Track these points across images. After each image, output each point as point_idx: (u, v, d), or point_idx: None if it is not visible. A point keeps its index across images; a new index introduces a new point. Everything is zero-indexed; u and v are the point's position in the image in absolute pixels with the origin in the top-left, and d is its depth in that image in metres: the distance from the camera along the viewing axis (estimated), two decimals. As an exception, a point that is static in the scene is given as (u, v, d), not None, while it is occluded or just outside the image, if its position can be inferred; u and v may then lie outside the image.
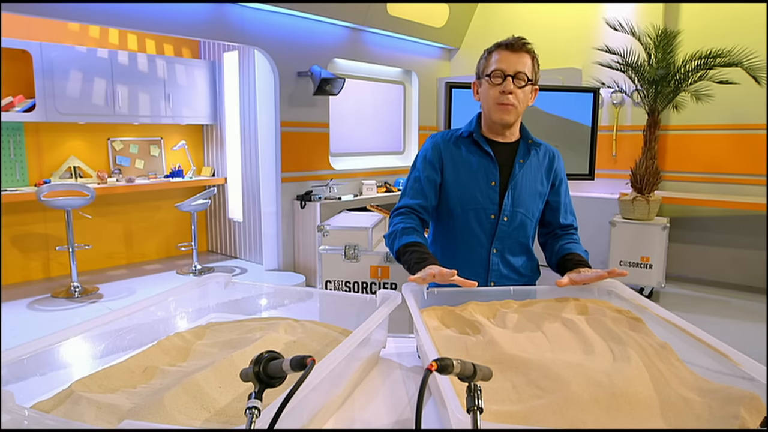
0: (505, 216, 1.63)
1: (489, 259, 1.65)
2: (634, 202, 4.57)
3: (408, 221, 1.62)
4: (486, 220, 1.64)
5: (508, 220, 1.64)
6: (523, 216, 1.66)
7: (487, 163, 1.65)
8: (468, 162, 1.66)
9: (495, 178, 1.63)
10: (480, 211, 1.64)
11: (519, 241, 1.67)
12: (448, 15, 6.35)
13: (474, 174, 1.64)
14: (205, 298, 1.46)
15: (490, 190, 1.63)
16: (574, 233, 1.73)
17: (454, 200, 1.66)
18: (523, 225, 1.66)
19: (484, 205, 1.63)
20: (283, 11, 5.03)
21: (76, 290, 4.70)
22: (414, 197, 1.68)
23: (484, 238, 1.64)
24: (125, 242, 5.89)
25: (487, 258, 1.65)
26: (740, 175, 5.02)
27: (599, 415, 0.89)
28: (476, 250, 1.65)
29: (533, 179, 1.67)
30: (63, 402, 0.92)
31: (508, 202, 1.63)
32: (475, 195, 1.64)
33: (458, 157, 1.67)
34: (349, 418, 1.02)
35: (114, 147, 5.66)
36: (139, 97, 5.46)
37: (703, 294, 4.91)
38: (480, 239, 1.65)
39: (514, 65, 1.56)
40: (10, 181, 4.93)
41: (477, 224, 1.64)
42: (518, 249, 1.68)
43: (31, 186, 5.00)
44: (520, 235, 1.67)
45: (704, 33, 4.95)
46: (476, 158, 1.65)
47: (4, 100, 4.68)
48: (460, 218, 1.66)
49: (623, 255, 4.65)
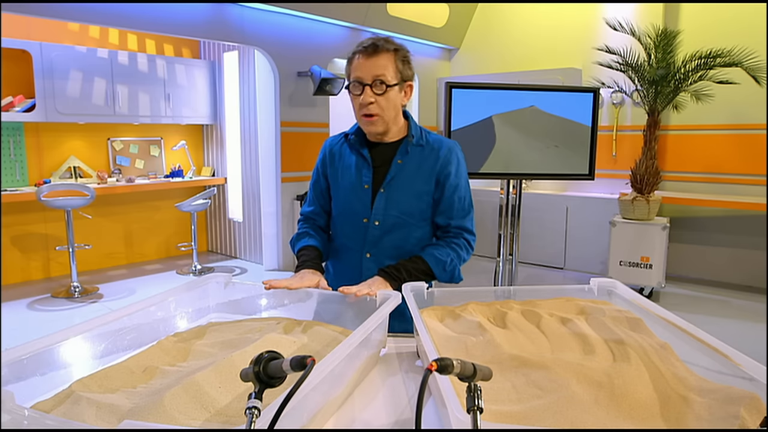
0: (375, 220, 1.56)
1: (362, 264, 1.58)
2: (634, 202, 4.57)
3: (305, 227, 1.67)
4: (359, 225, 1.58)
5: (379, 224, 1.56)
6: (398, 218, 1.56)
7: (362, 165, 1.58)
8: (347, 165, 1.61)
9: (368, 180, 1.57)
10: (353, 215, 1.58)
11: (396, 245, 1.57)
12: (448, 15, 6.35)
13: (350, 178, 1.59)
14: (205, 299, 1.46)
15: (363, 194, 1.57)
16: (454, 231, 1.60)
17: (336, 206, 1.64)
18: (399, 228, 1.56)
19: (357, 209, 1.57)
20: (283, 11, 5.03)
21: (76, 290, 4.70)
22: (310, 204, 1.71)
23: (356, 243, 1.59)
24: (125, 242, 5.89)
25: (360, 263, 1.59)
26: (740, 175, 5.02)
27: (599, 415, 0.89)
28: (351, 255, 1.60)
29: (412, 179, 1.56)
30: (63, 402, 0.92)
31: (379, 205, 1.55)
32: (350, 199, 1.59)
33: (340, 162, 1.63)
34: (349, 418, 1.02)
35: (114, 147, 5.66)
36: (139, 97, 5.46)
37: (703, 294, 4.91)
38: (353, 244, 1.60)
39: (371, 71, 1.46)
40: (10, 181, 4.93)
41: (351, 229, 1.60)
42: (396, 253, 1.57)
43: (31, 186, 5.00)
44: (395, 238, 1.57)
45: (704, 33, 4.96)
46: (354, 162, 1.60)
47: (4, 100, 4.68)
48: (339, 223, 1.63)
49: (623, 255, 4.65)
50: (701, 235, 5.22)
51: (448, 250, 1.57)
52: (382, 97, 1.48)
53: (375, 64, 1.46)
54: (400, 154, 1.58)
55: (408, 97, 1.56)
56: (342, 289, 1.37)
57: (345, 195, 1.61)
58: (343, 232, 1.63)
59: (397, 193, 1.56)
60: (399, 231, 1.57)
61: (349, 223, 1.60)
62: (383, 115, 1.50)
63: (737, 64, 4.22)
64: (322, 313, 1.39)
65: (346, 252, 1.63)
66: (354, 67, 1.49)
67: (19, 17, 4.69)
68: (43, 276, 5.28)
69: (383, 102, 1.48)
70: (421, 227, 1.60)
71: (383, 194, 1.56)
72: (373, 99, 1.47)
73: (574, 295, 1.45)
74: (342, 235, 1.64)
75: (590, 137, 3.40)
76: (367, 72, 1.46)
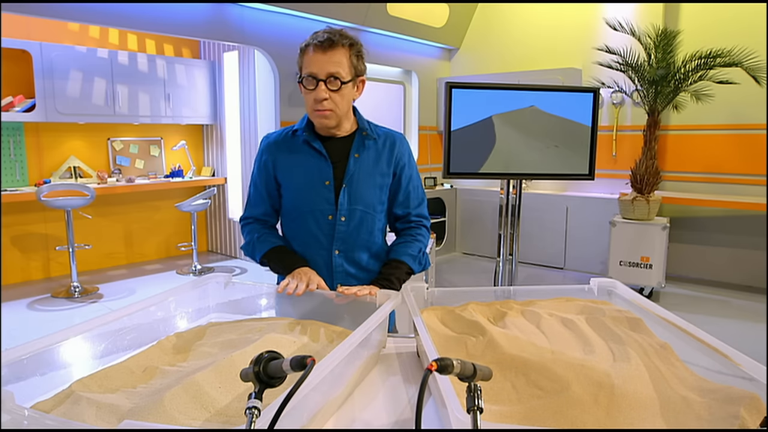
0: (342, 216, 1.56)
1: (332, 260, 1.59)
2: (634, 202, 4.57)
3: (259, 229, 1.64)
4: (324, 222, 1.57)
5: (346, 220, 1.56)
6: (363, 213, 1.58)
7: (320, 162, 1.56)
8: (301, 162, 1.58)
9: (329, 177, 1.55)
10: (317, 212, 1.57)
11: (362, 237, 1.60)
12: (448, 15, 6.35)
13: (308, 174, 1.57)
14: (204, 299, 1.46)
15: (325, 190, 1.55)
16: (414, 221, 1.66)
17: (292, 203, 1.61)
18: (364, 221, 1.59)
19: (321, 207, 1.56)
20: (283, 11, 5.03)
21: (76, 290, 4.70)
22: (256, 206, 1.66)
23: (324, 240, 1.58)
24: (125, 242, 5.89)
25: (330, 260, 1.59)
26: (740, 175, 5.02)
27: (599, 415, 0.89)
28: (319, 252, 1.59)
29: (371, 172, 1.58)
30: (63, 402, 0.92)
31: (344, 200, 1.55)
32: (311, 196, 1.56)
33: (291, 159, 1.59)
34: (349, 418, 1.02)
35: (114, 147, 5.66)
36: (139, 97, 5.46)
37: (703, 294, 4.91)
38: (320, 241, 1.58)
39: (326, 67, 1.44)
40: (10, 181, 4.93)
41: (316, 226, 1.58)
42: (363, 246, 1.60)
43: (31, 186, 5.00)
44: (362, 231, 1.59)
45: (704, 33, 4.95)
46: (309, 158, 1.57)
47: (4, 100, 4.68)
48: (299, 221, 1.60)
49: (623, 255, 4.65)
50: (701, 235, 5.22)
51: (417, 245, 1.63)
52: (336, 93, 1.47)
53: (330, 59, 1.44)
54: (356, 148, 1.58)
55: (360, 91, 1.56)
56: (341, 290, 1.38)
57: (304, 193, 1.58)
58: (306, 230, 1.59)
59: (359, 187, 1.57)
60: (364, 224, 1.59)
61: (313, 220, 1.57)
62: (336, 110, 1.50)
63: (737, 64, 4.22)
64: (322, 313, 1.39)
65: (311, 249, 1.60)
66: (308, 60, 1.46)
67: (19, 17, 4.69)
68: (43, 276, 5.28)
69: (337, 98, 1.48)
70: (381, 218, 1.64)
71: (346, 189, 1.56)
72: (327, 95, 1.46)
73: (574, 295, 1.45)
74: (306, 233, 1.60)
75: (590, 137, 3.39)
76: (321, 68, 1.44)
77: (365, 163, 1.58)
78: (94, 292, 4.83)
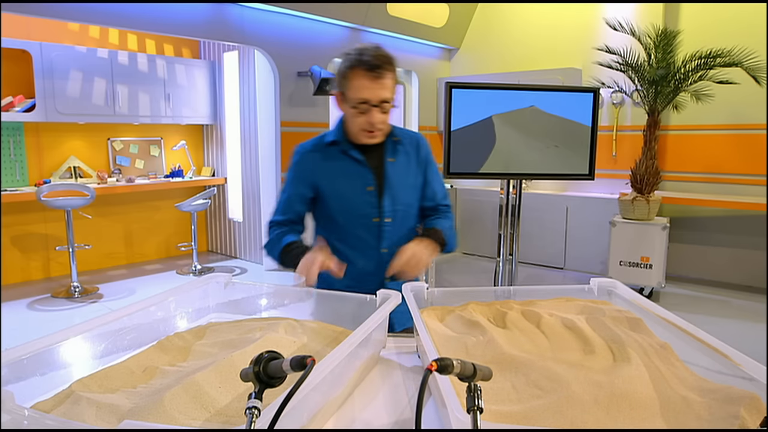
0: (387, 218, 1.66)
1: (380, 258, 1.66)
2: (634, 202, 4.57)
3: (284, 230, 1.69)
4: (371, 224, 1.66)
5: (391, 221, 1.67)
6: (404, 212, 1.70)
7: (360, 169, 1.65)
8: (342, 171, 1.66)
9: (371, 182, 1.65)
10: (363, 216, 1.66)
11: (405, 234, 1.70)
12: (448, 15, 6.35)
13: (351, 182, 1.66)
14: (205, 299, 1.46)
15: (368, 195, 1.65)
16: (442, 208, 1.79)
17: (336, 210, 1.67)
18: (406, 219, 1.71)
19: (366, 211, 1.65)
20: (283, 11, 5.03)
21: (76, 290, 4.70)
22: (285, 213, 1.72)
23: (372, 241, 1.67)
24: (125, 242, 5.89)
25: (379, 258, 1.66)
26: (740, 175, 5.02)
27: (599, 415, 0.89)
28: (367, 253, 1.67)
29: (406, 174, 1.70)
30: (63, 402, 0.92)
31: (387, 203, 1.65)
32: (356, 202, 1.65)
33: (331, 167, 1.67)
34: (349, 418, 1.02)
35: (114, 147, 5.66)
36: (139, 97, 5.46)
37: (703, 294, 4.91)
38: (369, 243, 1.67)
39: (378, 94, 1.52)
40: (10, 181, 4.93)
41: (363, 229, 1.66)
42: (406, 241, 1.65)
43: (31, 186, 5.00)
44: (405, 228, 1.71)
45: (704, 33, 4.95)
46: (349, 165, 1.66)
47: (4, 100, 4.68)
48: (346, 226, 1.68)
49: (623, 255, 4.65)
50: (701, 235, 5.22)
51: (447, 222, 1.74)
52: (386, 115, 1.58)
53: (381, 86, 1.51)
54: (389, 153, 1.68)
55: None
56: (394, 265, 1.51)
57: (349, 199, 1.66)
58: (354, 234, 1.68)
59: (398, 189, 1.68)
60: (406, 222, 1.71)
61: (361, 225, 1.66)
62: (384, 129, 1.62)
63: (737, 64, 4.22)
64: (322, 313, 1.39)
65: (360, 252, 1.68)
66: (358, 85, 1.51)
67: (19, 17, 4.69)
68: (43, 276, 5.28)
69: (386, 119, 1.59)
70: (417, 213, 1.77)
71: (387, 193, 1.66)
72: (381, 119, 1.56)
73: (574, 295, 1.45)
74: (353, 236, 1.68)
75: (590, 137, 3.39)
76: (373, 94, 1.51)
77: (399, 166, 1.69)
78: (94, 292, 4.83)
